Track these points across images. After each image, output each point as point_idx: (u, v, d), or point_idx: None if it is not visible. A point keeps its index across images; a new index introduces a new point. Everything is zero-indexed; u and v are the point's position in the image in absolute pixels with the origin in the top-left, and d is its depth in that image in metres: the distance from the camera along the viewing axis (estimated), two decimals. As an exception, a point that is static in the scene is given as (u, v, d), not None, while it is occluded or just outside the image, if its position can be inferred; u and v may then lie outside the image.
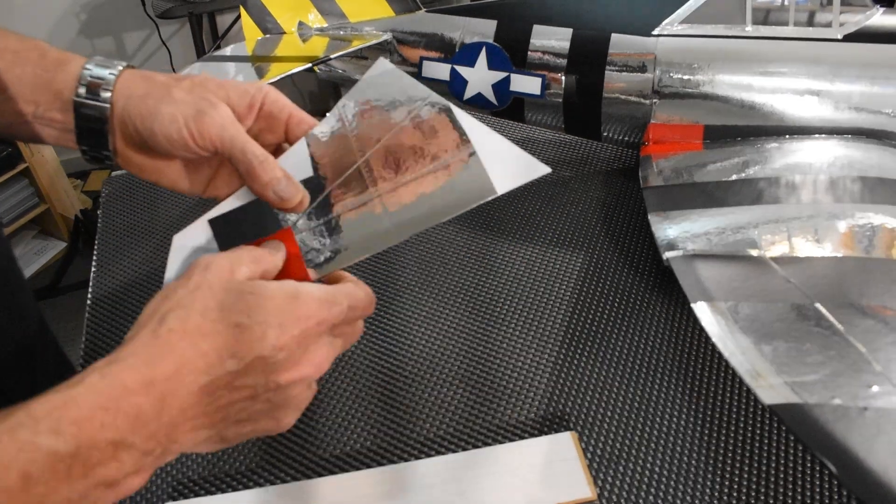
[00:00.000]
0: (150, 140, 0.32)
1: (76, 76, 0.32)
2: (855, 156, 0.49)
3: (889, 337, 0.35)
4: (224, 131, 0.31)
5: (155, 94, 0.31)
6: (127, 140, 0.33)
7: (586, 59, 0.55)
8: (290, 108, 0.34)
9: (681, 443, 0.39)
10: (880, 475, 0.29)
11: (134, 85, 0.32)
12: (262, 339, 0.25)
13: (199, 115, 0.31)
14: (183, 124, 0.31)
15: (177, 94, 0.31)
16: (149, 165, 0.33)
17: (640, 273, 0.51)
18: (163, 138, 0.31)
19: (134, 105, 0.31)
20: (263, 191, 0.31)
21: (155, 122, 0.31)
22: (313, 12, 0.66)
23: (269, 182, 0.31)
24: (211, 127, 0.31)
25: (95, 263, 0.57)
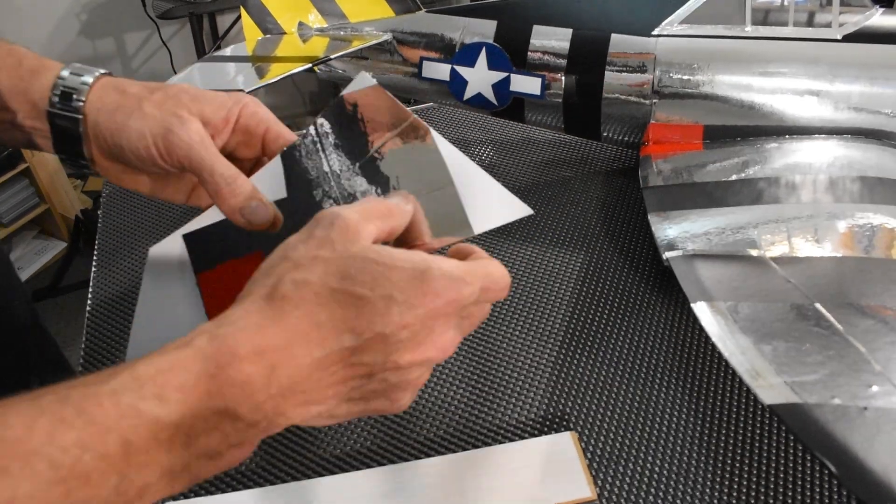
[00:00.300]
0: (119, 155, 0.31)
1: (50, 85, 0.31)
2: (854, 156, 0.49)
3: (888, 337, 0.35)
4: (191, 151, 0.30)
5: (125, 107, 0.31)
6: (101, 150, 0.32)
7: (586, 60, 0.55)
8: (268, 121, 0.33)
9: (681, 443, 0.39)
10: (880, 475, 0.29)
11: (106, 96, 0.31)
12: (384, 314, 0.23)
13: (167, 133, 0.30)
14: (151, 142, 0.30)
15: (147, 108, 0.30)
16: (126, 175, 0.33)
17: (640, 273, 0.51)
18: (131, 154, 0.31)
19: (104, 119, 0.31)
20: (232, 215, 0.30)
21: (122, 137, 0.30)
22: (313, 13, 0.67)
23: (236, 207, 0.30)
24: (178, 146, 0.30)
25: (96, 263, 0.57)
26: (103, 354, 0.49)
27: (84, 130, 0.31)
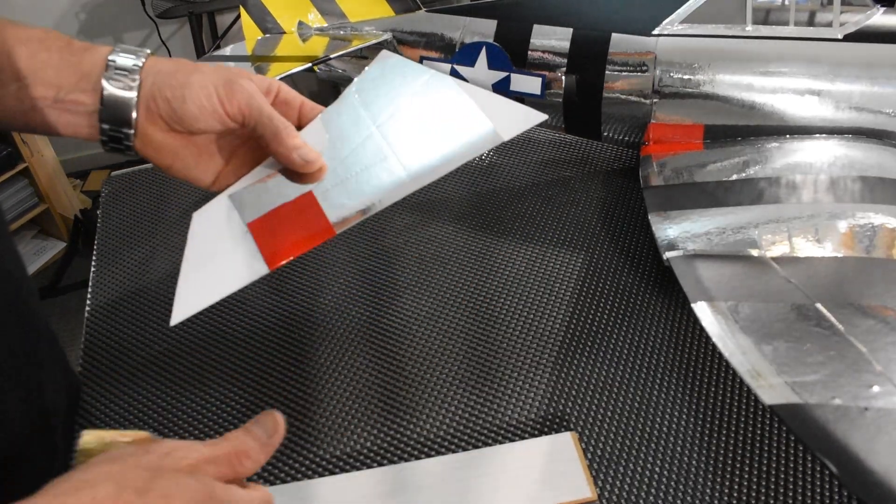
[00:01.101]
0: (179, 110, 0.33)
1: (104, 57, 0.33)
2: (855, 156, 0.49)
3: (890, 337, 0.35)
4: (252, 99, 0.33)
5: (185, 68, 0.33)
6: (151, 118, 0.33)
7: (586, 59, 0.54)
8: (303, 98, 0.36)
9: (681, 443, 0.39)
10: (881, 475, 0.29)
11: (161, 64, 0.34)
12: None
13: (229, 83, 0.33)
14: (213, 91, 0.32)
15: (204, 68, 0.33)
16: (167, 145, 0.34)
17: (640, 273, 0.51)
18: (193, 106, 0.33)
19: (164, 79, 0.33)
20: (289, 153, 0.33)
21: (186, 89, 0.33)
22: (313, 12, 0.66)
23: (294, 146, 0.33)
24: (241, 94, 0.33)
25: (95, 263, 0.57)
26: (102, 354, 0.49)
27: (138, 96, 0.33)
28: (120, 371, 0.47)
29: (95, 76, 0.33)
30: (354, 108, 0.37)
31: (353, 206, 0.34)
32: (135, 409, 0.44)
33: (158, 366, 0.47)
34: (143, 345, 0.49)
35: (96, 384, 0.46)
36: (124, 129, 0.33)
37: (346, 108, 0.37)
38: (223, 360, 0.47)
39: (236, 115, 0.33)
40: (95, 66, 0.33)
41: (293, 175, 0.35)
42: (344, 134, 0.36)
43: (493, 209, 0.58)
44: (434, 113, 0.36)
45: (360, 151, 0.35)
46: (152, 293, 0.53)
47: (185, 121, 0.33)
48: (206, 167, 0.35)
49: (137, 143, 0.34)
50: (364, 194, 0.34)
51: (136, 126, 0.33)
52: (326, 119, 0.36)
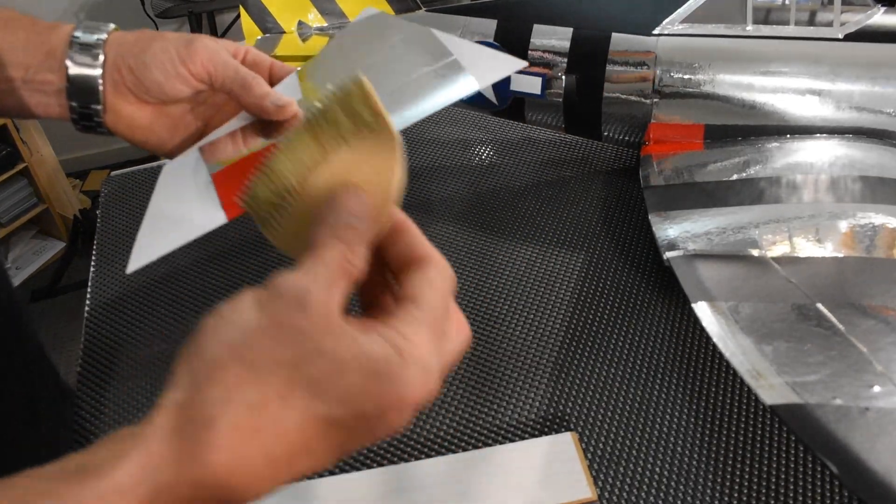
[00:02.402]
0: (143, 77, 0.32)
1: (68, 34, 0.33)
2: (856, 155, 0.49)
3: (890, 337, 0.35)
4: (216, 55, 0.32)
5: (146, 36, 0.33)
6: (118, 90, 0.33)
7: (587, 59, 0.54)
8: (272, 60, 0.35)
9: (681, 443, 0.39)
10: (881, 475, 0.29)
11: (124, 35, 0.34)
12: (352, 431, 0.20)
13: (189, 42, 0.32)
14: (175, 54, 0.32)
15: (166, 35, 0.33)
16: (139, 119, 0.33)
17: (640, 273, 0.51)
18: (157, 71, 0.32)
19: (126, 49, 0.33)
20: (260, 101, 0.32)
21: (147, 54, 0.32)
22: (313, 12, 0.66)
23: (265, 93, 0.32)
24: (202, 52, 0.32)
25: (94, 263, 0.57)
26: (102, 354, 0.49)
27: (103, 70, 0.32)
28: (119, 371, 0.47)
29: (60, 54, 0.32)
30: (332, 60, 0.36)
31: None
32: (134, 408, 0.44)
33: (158, 365, 0.47)
34: (142, 344, 0.49)
35: (96, 383, 0.46)
36: (93, 105, 0.33)
37: (323, 60, 0.37)
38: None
39: (201, 74, 0.32)
40: (60, 44, 0.33)
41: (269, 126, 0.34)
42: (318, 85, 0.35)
43: (493, 209, 0.58)
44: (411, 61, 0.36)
45: None
46: (152, 293, 0.53)
47: (151, 88, 0.32)
48: (182, 140, 0.35)
49: (109, 120, 0.33)
50: None
51: (105, 101, 0.33)
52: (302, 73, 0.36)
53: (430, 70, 0.35)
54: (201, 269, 0.55)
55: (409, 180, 0.25)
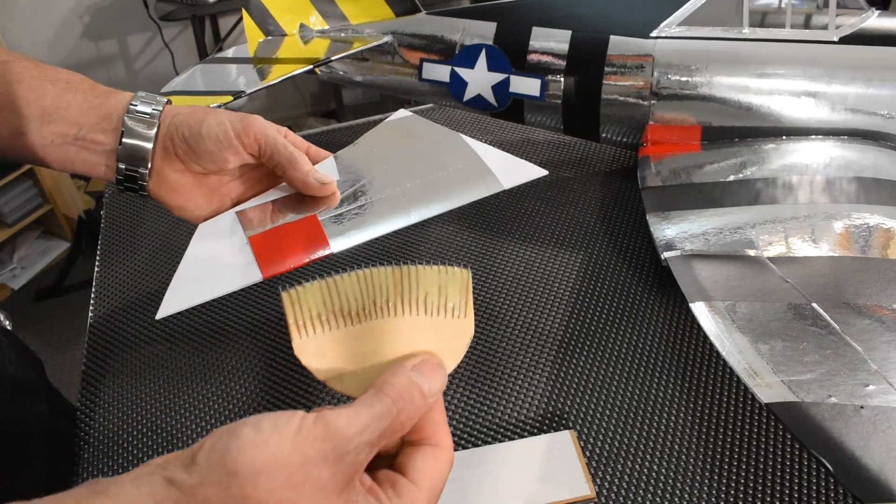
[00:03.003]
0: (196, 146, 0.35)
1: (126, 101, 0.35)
2: (851, 157, 0.49)
3: (885, 336, 0.36)
4: (267, 130, 0.35)
5: (200, 110, 0.36)
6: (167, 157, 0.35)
7: (585, 61, 0.55)
8: (308, 144, 0.38)
9: (679, 441, 0.39)
10: (876, 473, 0.29)
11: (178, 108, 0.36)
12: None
13: (244, 118, 0.35)
14: (230, 126, 0.35)
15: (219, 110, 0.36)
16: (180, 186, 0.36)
17: (638, 273, 0.51)
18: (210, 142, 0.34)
19: (182, 119, 0.35)
20: (305, 177, 0.35)
21: (203, 125, 0.34)
22: (314, 14, 0.67)
23: (309, 169, 0.35)
24: (256, 126, 0.35)
25: (98, 263, 0.58)
26: (106, 354, 0.49)
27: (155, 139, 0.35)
28: (124, 370, 0.48)
29: (116, 118, 0.35)
30: (366, 152, 0.39)
31: (354, 231, 0.35)
32: (139, 407, 0.45)
33: (162, 365, 0.48)
34: (146, 344, 0.49)
35: (100, 383, 0.47)
36: (140, 169, 0.35)
37: (358, 149, 0.39)
38: (227, 359, 0.47)
39: (252, 147, 0.35)
40: (117, 109, 0.35)
41: (304, 200, 0.36)
42: (354, 171, 0.38)
43: (492, 209, 0.59)
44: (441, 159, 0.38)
45: (368, 185, 0.37)
46: (156, 293, 0.54)
47: (203, 157, 0.35)
48: (216, 209, 0.37)
49: (151, 184, 0.36)
50: (365, 223, 0.35)
51: (152, 166, 0.35)
52: (339, 158, 0.38)
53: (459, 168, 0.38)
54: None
55: None
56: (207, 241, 0.35)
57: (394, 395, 0.23)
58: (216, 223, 0.36)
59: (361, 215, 0.36)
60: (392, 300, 0.25)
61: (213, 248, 0.35)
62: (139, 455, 0.42)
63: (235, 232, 0.35)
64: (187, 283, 0.33)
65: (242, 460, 0.20)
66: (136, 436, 0.43)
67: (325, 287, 0.25)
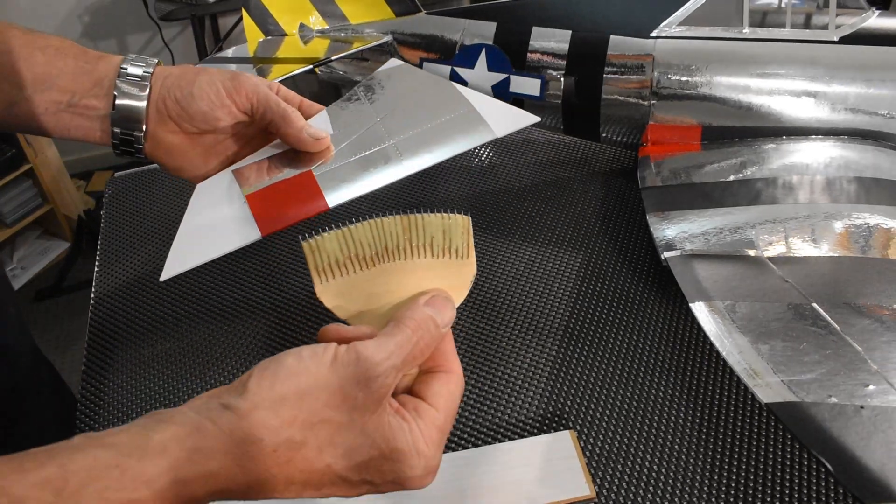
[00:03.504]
0: (189, 108, 0.35)
1: (116, 65, 0.35)
2: (851, 157, 0.49)
3: (885, 336, 0.36)
4: (259, 88, 0.35)
5: (191, 71, 0.35)
6: (161, 119, 0.35)
7: (585, 61, 0.55)
8: (301, 98, 0.38)
9: (679, 441, 0.39)
10: (876, 473, 0.29)
11: (169, 70, 0.36)
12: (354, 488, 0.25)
13: (235, 77, 0.35)
14: (221, 86, 0.34)
15: (209, 69, 0.36)
16: (176, 147, 0.36)
17: (638, 273, 0.51)
18: (203, 102, 0.34)
19: (173, 81, 0.35)
20: (299, 133, 0.35)
21: (194, 86, 0.34)
22: (314, 14, 0.67)
23: (303, 125, 0.35)
24: (247, 84, 0.35)
25: (98, 263, 0.58)
26: (106, 353, 0.49)
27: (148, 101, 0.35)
28: (123, 370, 0.48)
29: (108, 82, 0.35)
30: (359, 103, 0.39)
31: (348, 185, 0.35)
32: (138, 407, 0.45)
33: (162, 364, 0.48)
34: (146, 343, 0.49)
35: (100, 383, 0.47)
36: (135, 133, 0.35)
37: (350, 102, 0.39)
38: (228, 359, 0.47)
39: (244, 105, 0.35)
40: (108, 73, 0.35)
41: (299, 156, 0.36)
42: (347, 125, 0.38)
43: (492, 209, 0.59)
44: (433, 109, 0.38)
45: (361, 139, 0.37)
46: (156, 293, 0.54)
47: (196, 118, 0.35)
48: (214, 167, 0.37)
49: (147, 146, 0.36)
50: (360, 176, 0.36)
51: (147, 129, 0.35)
52: (332, 111, 0.38)
53: (451, 118, 0.37)
54: (205, 268, 0.55)
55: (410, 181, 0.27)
56: (205, 200, 0.35)
57: (412, 326, 0.26)
58: (213, 183, 0.36)
59: (356, 169, 0.36)
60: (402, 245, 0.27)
61: (212, 207, 0.35)
62: (139, 455, 0.42)
63: (233, 190, 0.35)
64: (189, 244, 0.33)
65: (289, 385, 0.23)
66: (136, 436, 0.43)
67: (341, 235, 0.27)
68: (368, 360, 0.24)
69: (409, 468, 0.25)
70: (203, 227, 0.34)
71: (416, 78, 0.41)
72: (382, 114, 0.38)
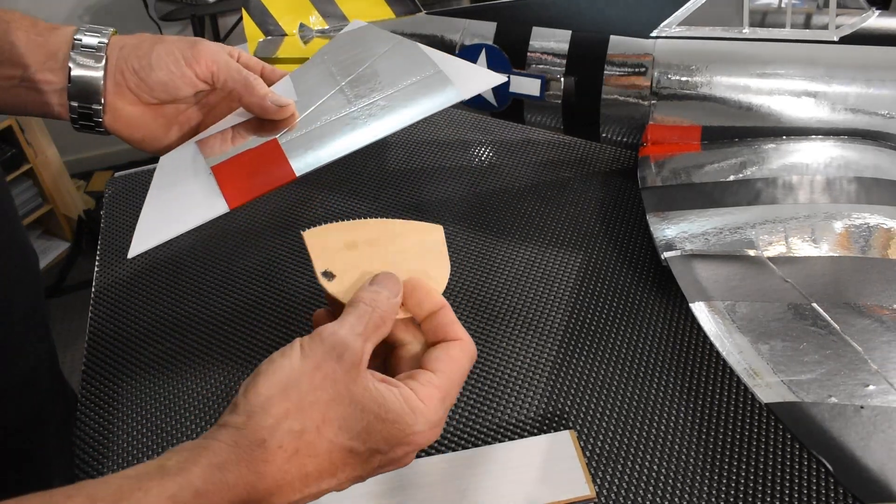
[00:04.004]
0: (148, 79, 0.33)
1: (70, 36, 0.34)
2: (851, 157, 0.49)
3: (885, 336, 0.36)
4: (218, 55, 0.34)
5: (148, 40, 0.34)
6: (120, 91, 0.34)
7: (585, 61, 0.55)
8: (263, 63, 0.37)
9: (679, 441, 0.39)
10: (876, 473, 0.29)
11: (125, 39, 0.34)
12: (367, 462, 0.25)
13: (193, 45, 0.34)
14: (180, 56, 0.33)
15: (167, 38, 0.34)
16: (137, 118, 0.34)
17: (638, 273, 0.51)
18: (162, 73, 0.33)
19: (129, 52, 0.34)
20: (262, 101, 0.34)
21: (152, 56, 0.33)
22: (314, 14, 0.67)
23: (265, 93, 0.34)
24: (206, 53, 0.33)
25: (98, 263, 0.58)
26: (106, 353, 0.49)
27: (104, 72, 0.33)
28: (123, 370, 0.48)
29: (62, 55, 0.33)
30: (323, 67, 0.38)
31: (314, 151, 0.35)
32: (138, 407, 0.45)
33: (162, 364, 0.48)
34: (146, 343, 0.49)
35: (100, 382, 0.47)
36: (94, 106, 0.34)
37: (314, 67, 0.38)
38: (228, 359, 0.47)
39: (205, 74, 0.34)
40: (62, 46, 0.33)
41: (263, 124, 0.35)
42: (311, 90, 0.37)
43: (492, 209, 0.59)
44: (398, 71, 0.37)
45: (326, 104, 0.36)
46: (155, 292, 0.54)
47: (155, 89, 0.34)
48: (178, 138, 0.36)
49: (107, 119, 0.34)
50: (325, 142, 0.35)
51: (105, 101, 0.34)
52: (295, 77, 0.37)
53: (416, 80, 0.37)
54: (204, 268, 0.55)
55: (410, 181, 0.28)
56: (170, 173, 0.34)
57: (365, 299, 0.27)
58: (177, 154, 0.35)
59: (322, 136, 0.35)
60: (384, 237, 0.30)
61: (177, 180, 0.34)
62: (139, 454, 0.42)
63: (198, 162, 0.34)
64: (155, 219, 0.33)
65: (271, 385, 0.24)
66: (137, 435, 0.43)
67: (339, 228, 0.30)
68: (333, 335, 0.25)
69: (408, 425, 0.25)
70: (169, 201, 0.33)
71: (380, 39, 0.39)
72: (347, 77, 0.37)
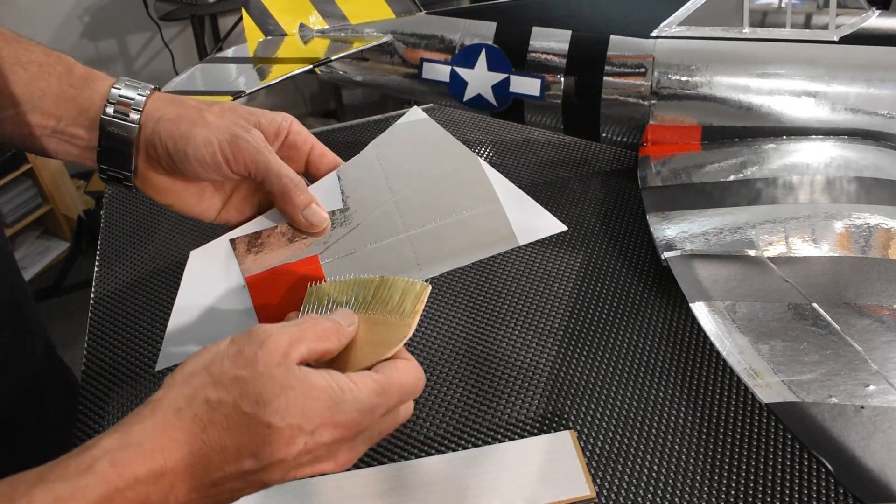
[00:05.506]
0: (180, 163, 0.32)
1: (104, 94, 0.32)
2: (851, 157, 0.49)
3: (885, 336, 0.36)
4: (259, 155, 0.31)
5: (187, 116, 0.32)
6: (151, 162, 0.33)
7: (585, 61, 0.55)
8: (313, 140, 0.34)
9: (679, 441, 0.39)
10: (876, 473, 0.29)
11: (164, 107, 0.32)
12: (289, 443, 0.24)
13: (234, 139, 0.31)
14: (218, 148, 0.31)
15: (209, 117, 0.32)
16: (168, 188, 0.34)
17: (638, 273, 0.51)
18: (195, 161, 0.31)
19: (165, 127, 0.32)
20: (295, 213, 0.32)
21: (189, 144, 0.31)
22: (314, 14, 0.67)
23: (302, 205, 0.32)
24: (246, 150, 0.31)
25: (98, 263, 0.58)
26: (106, 353, 0.49)
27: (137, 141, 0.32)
28: (123, 369, 0.48)
29: (94, 112, 0.32)
30: (373, 168, 0.34)
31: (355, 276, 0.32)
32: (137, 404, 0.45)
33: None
34: (146, 344, 0.49)
35: (99, 382, 0.47)
36: (124, 171, 0.33)
37: (364, 166, 0.34)
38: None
39: (241, 171, 0.32)
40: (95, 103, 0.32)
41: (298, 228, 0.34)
42: (359, 197, 0.34)
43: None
44: (459, 196, 0.34)
45: (374, 225, 0.34)
46: (155, 293, 0.54)
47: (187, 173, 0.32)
48: (208, 205, 0.34)
49: (138, 182, 0.33)
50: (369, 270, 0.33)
51: (136, 167, 0.33)
52: (344, 173, 0.34)
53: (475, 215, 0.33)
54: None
55: None
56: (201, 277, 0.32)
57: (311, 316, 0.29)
58: (209, 253, 0.33)
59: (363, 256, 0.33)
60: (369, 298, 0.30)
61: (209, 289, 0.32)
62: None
63: (231, 269, 0.33)
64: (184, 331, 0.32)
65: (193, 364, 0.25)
66: (136, 436, 0.43)
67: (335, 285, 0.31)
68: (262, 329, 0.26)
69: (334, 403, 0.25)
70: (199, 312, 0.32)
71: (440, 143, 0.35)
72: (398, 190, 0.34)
